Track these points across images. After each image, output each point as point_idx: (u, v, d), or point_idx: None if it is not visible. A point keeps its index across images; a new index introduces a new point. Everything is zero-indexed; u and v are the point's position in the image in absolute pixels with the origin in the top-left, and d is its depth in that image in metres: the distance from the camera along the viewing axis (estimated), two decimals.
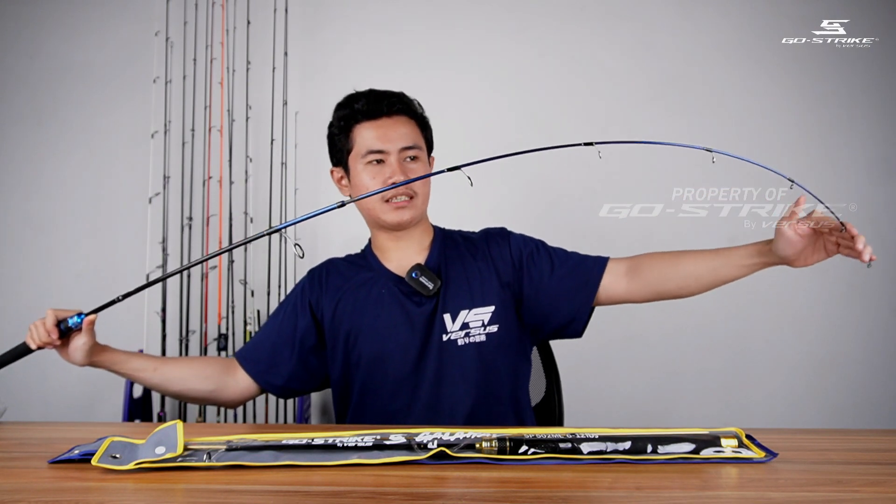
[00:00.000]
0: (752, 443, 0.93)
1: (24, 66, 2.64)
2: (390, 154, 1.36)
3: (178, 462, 0.85)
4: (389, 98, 1.39)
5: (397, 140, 1.36)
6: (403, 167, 1.36)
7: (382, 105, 1.37)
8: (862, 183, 2.56)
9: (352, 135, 1.39)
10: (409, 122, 1.40)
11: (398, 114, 1.39)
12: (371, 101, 1.38)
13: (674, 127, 2.62)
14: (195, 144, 2.51)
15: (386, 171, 1.36)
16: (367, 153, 1.37)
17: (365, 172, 1.37)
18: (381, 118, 1.37)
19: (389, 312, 1.37)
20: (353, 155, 1.39)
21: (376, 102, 1.38)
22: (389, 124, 1.37)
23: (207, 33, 2.53)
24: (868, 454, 0.97)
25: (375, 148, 1.36)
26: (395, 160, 1.36)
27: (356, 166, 1.39)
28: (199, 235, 2.50)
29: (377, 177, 1.36)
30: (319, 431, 0.99)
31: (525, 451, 0.87)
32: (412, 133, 1.39)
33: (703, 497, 0.75)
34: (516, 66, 2.60)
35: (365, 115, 1.38)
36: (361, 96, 1.40)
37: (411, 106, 1.42)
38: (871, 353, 2.56)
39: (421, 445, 0.88)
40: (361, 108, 1.38)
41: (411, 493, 0.74)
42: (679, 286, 1.33)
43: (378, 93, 1.40)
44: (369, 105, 1.37)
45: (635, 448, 0.89)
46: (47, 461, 0.88)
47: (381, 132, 1.36)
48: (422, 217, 1.44)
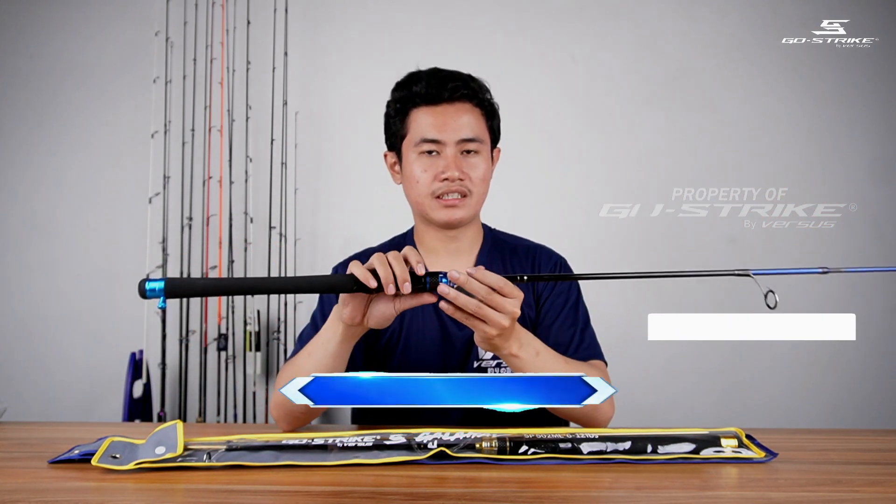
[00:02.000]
0: (752, 443, 0.93)
1: (24, 66, 2.64)
2: (446, 145, 1.22)
3: (178, 462, 0.85)
4: (454, 81, 1.24)
5: (456, 130, 1.22)
6: (459, 161, 1.23)
7: (444, 89, 1.23)
8: (862, 183, 2.56)
9: (407, 119, 1.26)
10: (472, 109, 1.25)
11: (461, 100, 1.24)
12: (431, 84, 1.23)
13: (674, 127, 2.62)
14: (195, 144, 2.51)
15: (440, 163, 1.22)
16: (420, 142, 1.23)
17: (417, 163, 1.24)
18: (442, 104, 1.23)
19: (429, 331, 1.29)
20: (407, 141, 1.26)
21: (438, 86, 1.23)
22: (449, 112, 1.23)
23: (207, 33, 2.53)
24: (868, 454, 0.97)
25: (430, 137, 1.22)
26: (451, 153, 1.22)
27: (409, 154, 1.26)
28: (199, 235, 2.50)
29: (429, 169, 1.23)
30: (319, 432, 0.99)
31: (525, 451, 0.87)
32: (475, 123, 1.24)
33: (703, 497, 0.75)
34: (516, 66, 2.60)
35: (423, 98, 1.24)
36: (422, 77, 1.25)
37: (478, 92, 1.26)
38: (871, 353, 2.56)
39: (421, 445, 0.88)
40: (420, 91, 1.24)
41: (411, 493, 0.74)
42: None
43: (441, 74, 1.25)
44: (429, 88, 1.23)
45: (635, 448, 0.89)
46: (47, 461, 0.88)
47: (440, 120, 1.22)
48: (473, 218, 1.31)
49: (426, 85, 1.24)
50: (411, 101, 1.25)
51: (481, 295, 0.94)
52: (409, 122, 1.26)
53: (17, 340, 2.60)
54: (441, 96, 1.23)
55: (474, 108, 1.25)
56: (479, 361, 1.28)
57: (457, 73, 1.27)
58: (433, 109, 1.23)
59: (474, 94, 1.25)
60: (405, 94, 1.26)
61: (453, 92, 1.23)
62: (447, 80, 1.24)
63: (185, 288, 0.95)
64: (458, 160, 1.22)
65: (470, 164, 1.24)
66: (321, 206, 2.62)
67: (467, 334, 1.26)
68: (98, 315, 2.59)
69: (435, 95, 1.23)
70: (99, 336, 2.58)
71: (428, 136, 1.22)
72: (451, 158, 1.22)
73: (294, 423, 1.12)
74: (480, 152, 1.25)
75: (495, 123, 1.31)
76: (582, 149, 2.63)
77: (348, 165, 2.62)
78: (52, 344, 2.59)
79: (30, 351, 2.59)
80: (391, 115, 1.29)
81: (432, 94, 1.23)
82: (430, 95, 1.23)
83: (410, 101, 1.25)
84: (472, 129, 1.23)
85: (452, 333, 1.28)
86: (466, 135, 1.23)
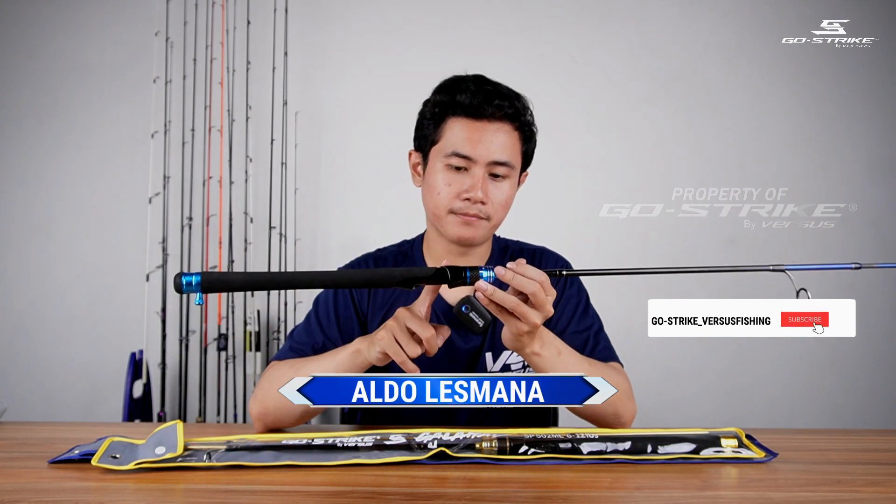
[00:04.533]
0: (752, 443, 0.93)
1: (24, 66, 2.64)
2: (476, 164, 1.16)
3: (178, 462, 0.85)
4: (500, 98, 1.18)
5: (490, 151, 1.16)
6: (486, 184, 1.17)
7: (488, 104, 1.17)
8: (862, 183, 2.56)
9: (443, 126, 1.20)
10: (511, 132, 1.19)
11: (503, 119, 1.18)
12: (477, 97, 1.17)
13: (674, 127, 2.62)
14: (195, 144, 2.51)
15: (465, 181, 1.17)
16: (451, 154, 1.17)
17: (442, 174, 1.18)
18: (482, 120, 1.17)
19: None
20: (437, 149, 1.20)
21: (483, 100, 1.17)
22: (488, 130, 1.17)
23: (207, 33, 2.53)
24: (868, 454, 0.97)
25: (463, 152, 1.16)
26: (479, 173, 1.16)
27: (435, 162, 1.20)
28: (199, 235, 2.50)
29: (453, 184, 1.17)
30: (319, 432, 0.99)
31: (525, 451, 0.87)
32: (510, 146, 1.18)
33: (703, 497, 0.75)
34: (516, 66, 2.60)
35: (465, 110, 1.17)
36: (468, 87, 1.18)
37: (520, 113, 1.20)
38: (871, 353, 2.56)
39: (421, 445, 0.88)
40: (463, 101, 1.17)
41: (411, 493, 0.74)
42: None
43: (488, 88, 1.19)
44: (473, 100, 1.17)
45: (635, 448, 0.89)
46: (47, 461, 0.88)
47: (476, 136, 1.16)
48: (487, 239, 1.27)
49: (472, 96, 1.17)
50: (451, 109, 1.19)
51: (529, 291, 0.93)
52: (443, 129, 1.20)
53: (17, 340, 2.60)
54: (483, 111, 1.17)
55: (513, 131, 1.19)
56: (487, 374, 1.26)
57: (503, 90, 1.20)
58: (472, 124, 1.17)
59: (517, 115, 1.19)
60: (447, 100, 1.20)
61: (497, 110, 1.17)
62: (493, 97, 1.17)
63: (221, 283, 0.95)
64: (485, 182, 1.17)
65: (496, 188, 1.18)
66: (321, 206, 2.62)
67: (473, 347, 1.25)
68: (98, 315, 2.59)
69: (477, 109, 1.17)
70: (99, 336, 2.58)
71: (460, 151, 1.17)
72: (479, 179, 1.16)
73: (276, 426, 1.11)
74: (508, 177, 1.20)
75: (531, 148, 1.25)
76: (582, 149, 2.63)
77: (348, 165, 2.62)
78: (52, 344, 2.59)
79: (30, 351, 2.58)
80: (426, 117, 1.23)
81: (476, 106, 1.17)
82: (473, 108, 1.17)
83: (450, 108, 1.19)
84: (505, 151, 1.18)
85: (458, 347, 1.25)
86: (499, 157, 1.17)
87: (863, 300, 2.81)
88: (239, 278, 1.01)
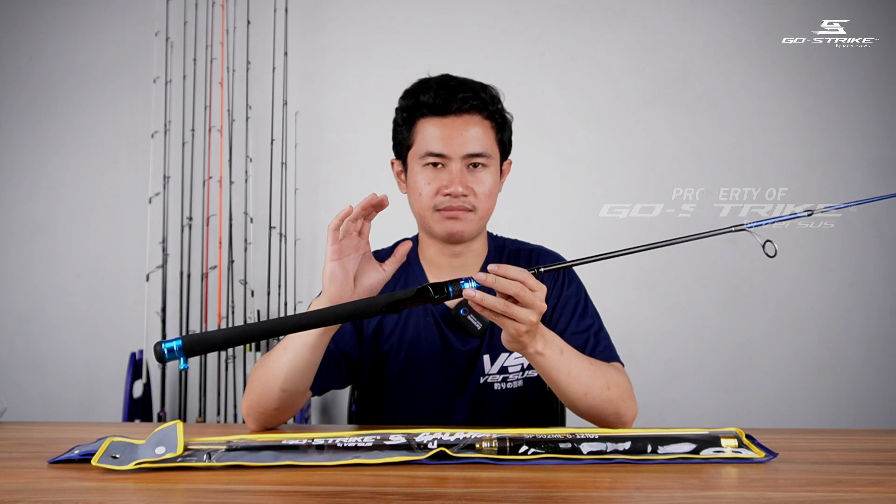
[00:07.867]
0: (752, 443, 0.93)
1: (24, 66, 2.64)
2: (452, 160, 1.17)
3: (178, 462, 0.85)
4: (463, 91, 1.18)
5: (463, 145, 1.17)
6: (465, 176, 1.18)
7: (453, 100, 1.17)
8: (862, 183, 2.56)
9: (414, 129, 1.21)
10: (482, 122, 1.20)
11: (471, 112, 1.19)
12: (440, 95, 1.18)
13: (674, 127, 2.62)
14: (195, 144, 2.52)
15: (444, 177, 1.18)
16: (425, 154, 1.18)
17: (421, 175, 1.19)
18: (449, 116, 1.18)
19: (430, 346, 1.25)
20: (413, 152, 1.21)
21: (446, 97, 1.17)
22: (457, 125, 1.18)
23: (207, 33, 2.53)
24: (868, 454, 0.97)
25: (435, 150, 1.17)
26: (456, 168, 1.17)
27: (413, 165, 1.21)
28: (199, 235, 2.50)
29: (433, 182, 1.18)
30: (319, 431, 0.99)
31: (525, 451, 0.87)
32: (483, 137, 1.19)
33: (703, 497, 0.75)
34: (516, 65, 2.60)
35: (431, 109, 1.18)
36: (431, 86, 1.20)
37: (488, 103, 1.20)
38: (871, 353, 2.56)
39: (421, 445, 0.88)
40: (427, 101, 1.18)
41: (411, 493, 0.74)
42: None
43: (451, 84, 1.19)
44: (437, 98, 1.18)
45: (635, 448, 0.89)
46: (47, 461, 0.88)
47: (446, 133, 1.17)
48: (478, 233, 1.26)
49: (434, 95, 1.18)
50: (418, 111, 1.20)
51: (512, 292, 0.92)
52: (415, 133, 1.21)
53: (17, 340, 2.60)
54: (449, 108, 1.18)
55: (484, 121, 1.20)
56: (485, 377, 1.25)
57: (468, 83, 1.21)
58: (440, 121, 1.18)
59: (484, 105, 1.20)
60: (412, 103, 1.21)
61: (462, 103, 1.18)
62: (456, 91, 1.18)
63: (203, 343, 0.87)
64: (464, 175, 1.18)
65: (476, 179, 1.19)
66: (321, 206, 2.62)
67: (471, 349, 1.24)
68: (98, 315, 2.59)
69: (442, 106, 1.18)
70: (99, 336, 2.58)
71: (433, 150, 1.18)
72: (456, 173, 1.17)
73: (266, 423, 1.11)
74: (488, 166, 1.20)
75: (506, 136, 1.25)
76: (582, 149, 2.63)
77: (348, 165, 2.62)
78: (52, 344, 2.59)
79: (30, 351, 2.59)
80: (398, 124, 1.25)
81: (440, 104, 1.18)
82: (438, 106, 1.18)
83: (417, 110, 1.20)
84: (479, 143, 1.18)
85: (455, 349, 1.25)
86: (473, 149, 1.18)
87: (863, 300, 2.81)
88: (220, 336, 0.90)
